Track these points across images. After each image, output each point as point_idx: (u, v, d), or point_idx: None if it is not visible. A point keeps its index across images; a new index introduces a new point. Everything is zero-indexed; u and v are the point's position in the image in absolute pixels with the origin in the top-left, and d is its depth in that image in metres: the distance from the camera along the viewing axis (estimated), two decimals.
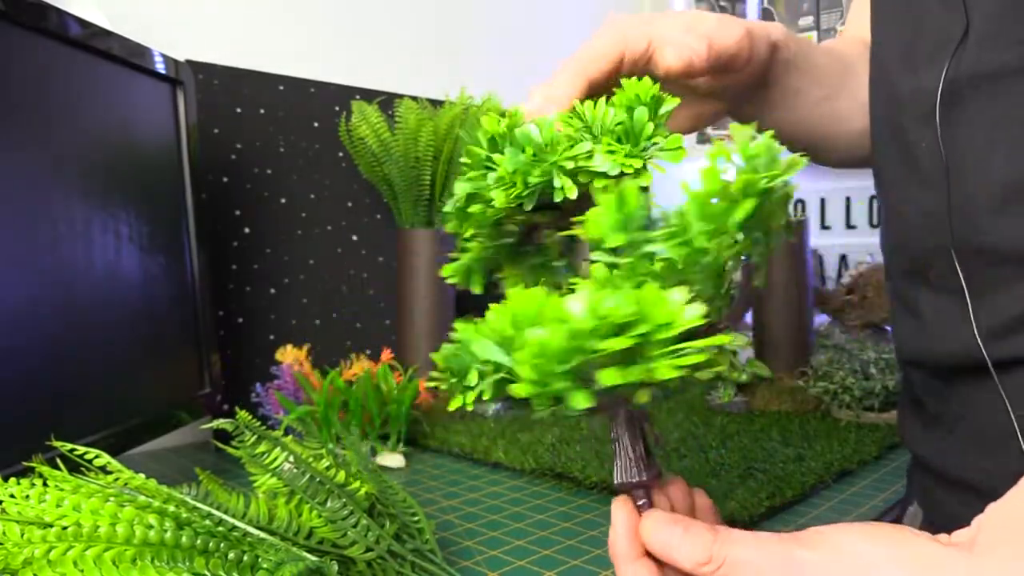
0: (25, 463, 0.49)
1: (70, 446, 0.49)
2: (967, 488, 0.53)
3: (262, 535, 0.49)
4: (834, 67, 0.61)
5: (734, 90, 0.54)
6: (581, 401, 0.30)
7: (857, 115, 0.62)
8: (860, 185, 1.79)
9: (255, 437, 0.56)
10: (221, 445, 0.63)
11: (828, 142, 0.62)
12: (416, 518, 0.60)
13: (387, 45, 1.37)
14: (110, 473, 0.49)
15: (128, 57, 0.77)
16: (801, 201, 1.94)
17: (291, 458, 0.56)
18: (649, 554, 0.36)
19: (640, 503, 0.37)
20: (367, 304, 1.22)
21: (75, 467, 0.49)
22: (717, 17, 0.48)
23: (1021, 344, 0.47)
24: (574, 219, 0.36)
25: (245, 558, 0.47)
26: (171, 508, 0.47)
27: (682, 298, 0.29)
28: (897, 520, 0.66)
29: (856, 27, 0.70)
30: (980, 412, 0.52)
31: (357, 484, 0.57)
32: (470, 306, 1.26)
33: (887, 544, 0.32)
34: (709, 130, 1.94)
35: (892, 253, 0.59)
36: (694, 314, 0.29)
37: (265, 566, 0.47)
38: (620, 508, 0.37)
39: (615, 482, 0.37)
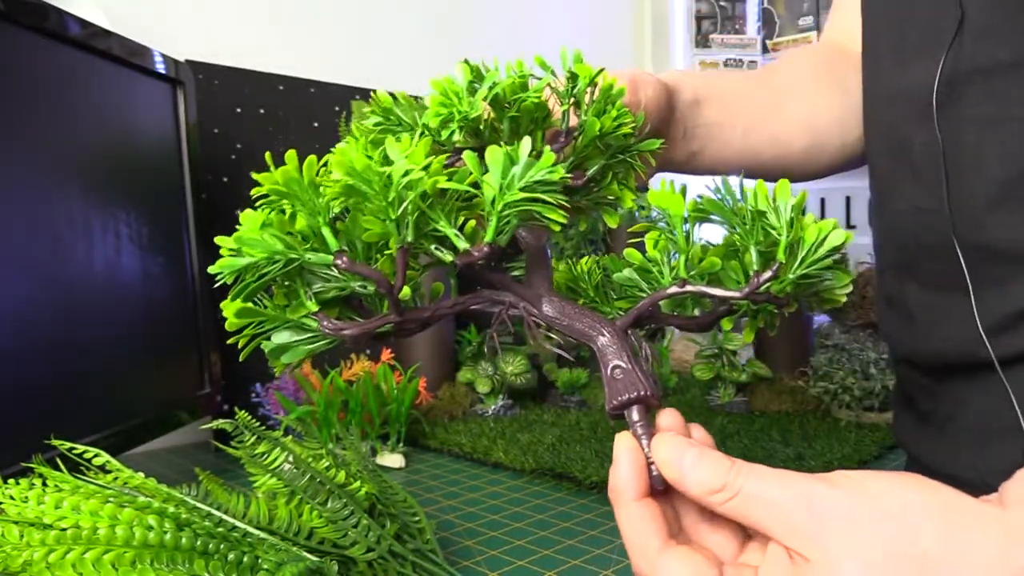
0: (25, 463, 0.49)
1: (70, 446, 0.49)
2: (960, 485, 0.53)
3: (262, 535, 0.49)
4: (759, 95, 0.61)
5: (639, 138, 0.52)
6: None
7: (797, 135, 0.62)
8: (860, 185, 1.79)
9: (255, 437, 0.56)
10: (221, 445, 0.63)
11: (778, 165, 0.62)
12: (416, 518, 0.60)
13: (387, 45, 1.36)
14: (110, 473, 0.49)
15: (128, 57, 0.76)
16: None
17: (291, 458, 0.56)
18: (652, 494, 0.33)
19: (641, 434, 0.34)
20: None
21: (75, 467, 0.49)
22: (609, 70, 0.47)
23: (1021, 341, 0.47)
24: None
25: (245, 559, 0.47)
26: (171, 508, 0.47)
27: None
28: None
29: (831, 30, 0.70)
30: (973, 409, 0.52)
31: (357, 484, 0.57)
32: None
33: (918, 490, 0.30)
34: None
35: (883, 249, 0.59)
36: None
37: (265, 567, 0.47)
38: (624, 442, 0.34)
39: (613, 402, 0.34)
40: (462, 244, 0.32)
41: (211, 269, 0.31)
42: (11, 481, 0.46)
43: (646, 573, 0.32)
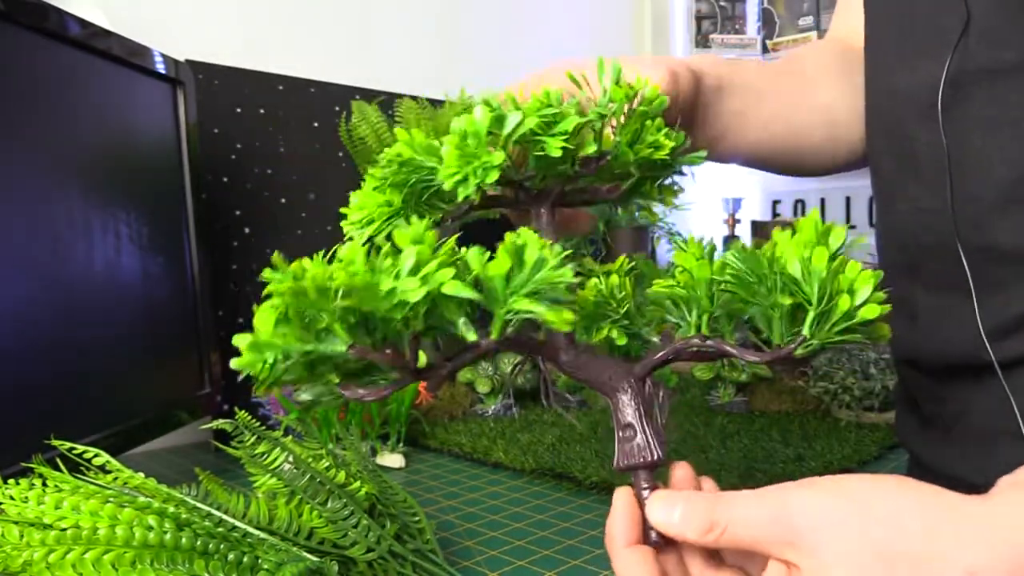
0: (25, 463, 0.49)
1: (70, 446, 0.49)
2: (964, 487, 0.53)
3: (262, 535, 0.49)
4: (783, 86, 0.61)
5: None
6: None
7: (817, 127, 0.61)
8: (860, 185, 1.79)
9: (255, 437, 0.56)
10: (221, 445, 0.63)
11: (792, 156, 0.61)
12: (416, 518, 0.60)
13: (387, 45, 1.36)
14: (110, 473, 0.49)
15: (128, 57, 0.76)
16: (801, 201, 1.94)
17: (291, 458, 0.56)
18: (646, 541, 0.35)
19: (644, 488, 0.36)
20: None
21: (75, 467, 0.49)
22: (646, 60, 0.47)
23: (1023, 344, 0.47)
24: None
25: (245, 559, 0.47)
26: (171, 508, 0.47)
27: None
28: None
29: (838, 27, 0.69)
30: (978, 411, 0.52)
31: (357, 484, 0.57)
32: None
33: (901, 490, 0.31)
34: None
35: (885, 250, 0.59)
36: None
37: (265, 567, 0.47)
38: (621, 495, 0.36)
39: (621, 464, 0.36)
40: (471, 336, 0.32)
41: (233, 365, 0.31)
42: (11, 481, 0.46)
43: None
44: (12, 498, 0.44)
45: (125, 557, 0.43)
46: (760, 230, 1.17)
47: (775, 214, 1.98)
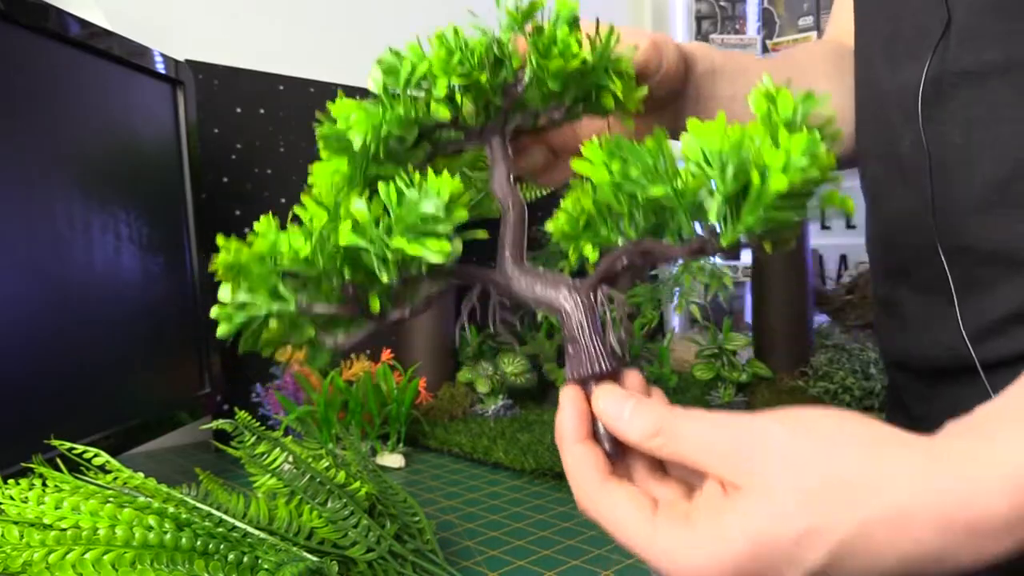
0: (25, 463, 0.49)
1: (70, 446, 0.49)
2: None
3: (262, 535, 0.49)
4: (776, 74, 0.61)
5: (654, 103, 0.51)
6: None
7: None
8: (859, 185, 1.79)
9: (255, 437, 0.56)
10: (221, 445, 0.63)
11: None
12: (416, 518, 0.60)
13: (387, 45, 1.36)
14: (110, 473, 0.49)
15: (128, 57, 0.76)
16: None
17: (291, 458, 0.56)
18: (595, 438, 0.35)
19: (592, 391, 0.35)
20: None
21: (75, 467, 0.49)
22: (636, 29, 0.48)
23: (1007, 345, 0.47)
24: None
25: (245, 559, 0.47)
26: (171, 508, 0.47)
27: None
28: None
29: (833, 28, 0.69)
30: (964, 412, 0.52)
31: (357, 484, 0.57)
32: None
33: (850, 422, 0.32)
34: None
35: (874, 252, 0.59)
36: None
37: (265, 567, 0.47)
38: (569, 392, 0.36)
39: (572, 376, 0.35)
40: (383, 277, 0.35)
41: (219, 335, 0.36)
42: (11, 481, 0.46)
43: (587, 507, 0.34)
44: (12, 498, 0.44)
45: (125, 557, 0.43)
46: None
47: None
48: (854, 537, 0.29)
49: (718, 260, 1.24)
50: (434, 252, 0.33)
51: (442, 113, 0.40)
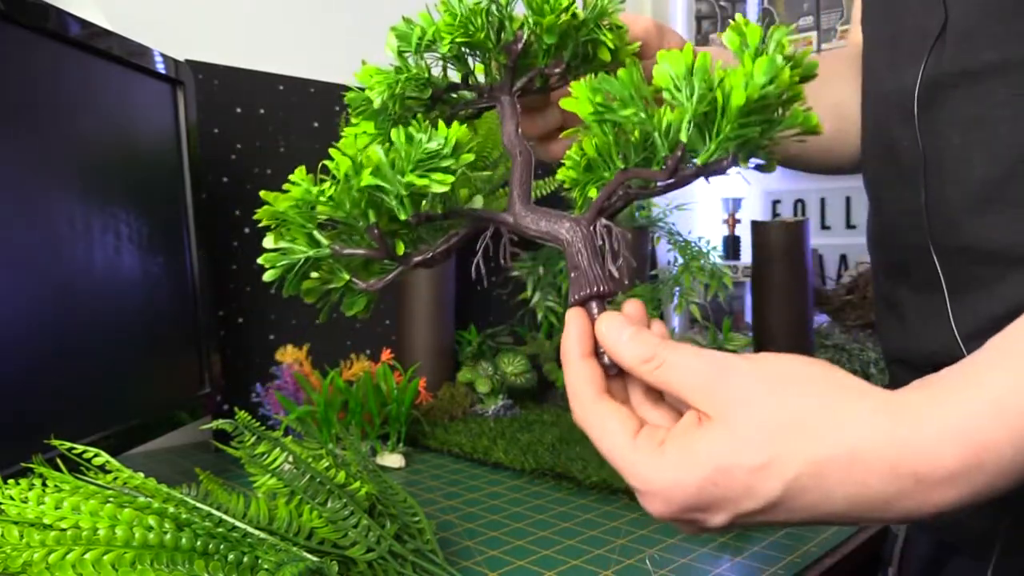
0: (25, 463, 0.49)
1: (70, 446, 0.49)
2: None
3: (262, 535, 0.49)
4: None
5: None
6: None
7: (824, 121, 0.61)
8: (860, 185, 1.79)
9: (255, 437, 0.56)
10: (221, 445, 0.63)
11: (798, 148, 0.62)
12: (416, 518, 0.60)
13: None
14: (110, 473, 0.49)
15: (128, 57, 0.76)
16: (801, 201, 1.94)
17: (291, 458, 0.56)
18: (596, 356, 0.37)
19: (596, 315, 0.38)
20: None
21: (75, 467, 0.49)
22: (626, 16, 0.49)
23: None
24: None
25: (245, 559, 0.47)
26: (171, 508, 0.47)
27: None
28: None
29: (854, 32, 0.70)
30: None
31: (357, 484, 0.57)
32: (470, 305, 1.26)
33: (816, 367, 0.34)
34: None
35: (875, 251, 0.60)
36: None
37: (265, 567, 0.47)
38: (574, 313, 0.38)
39: (574, 298, 0.38)
40: (402, 215, 0.39)
41: (265, 279, 0.41)
42: (11, 481, 0.46)
43: (580, 417, 0.37)
44: (12, 498, 0.44)
45: (125, 557, 0.43)
46: (760, 230, 1.17)
47: (775, 214, 1.98)
48: (807, 474, 0.32)
49: (718, 260, 1.24)
50: (438, 183, 0.37)
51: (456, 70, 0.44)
